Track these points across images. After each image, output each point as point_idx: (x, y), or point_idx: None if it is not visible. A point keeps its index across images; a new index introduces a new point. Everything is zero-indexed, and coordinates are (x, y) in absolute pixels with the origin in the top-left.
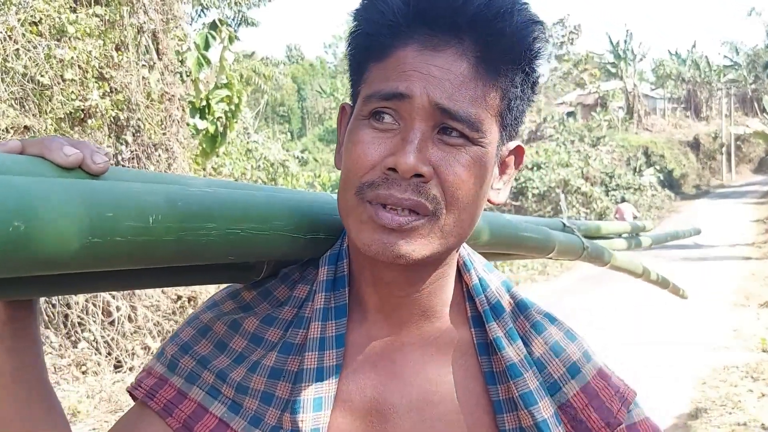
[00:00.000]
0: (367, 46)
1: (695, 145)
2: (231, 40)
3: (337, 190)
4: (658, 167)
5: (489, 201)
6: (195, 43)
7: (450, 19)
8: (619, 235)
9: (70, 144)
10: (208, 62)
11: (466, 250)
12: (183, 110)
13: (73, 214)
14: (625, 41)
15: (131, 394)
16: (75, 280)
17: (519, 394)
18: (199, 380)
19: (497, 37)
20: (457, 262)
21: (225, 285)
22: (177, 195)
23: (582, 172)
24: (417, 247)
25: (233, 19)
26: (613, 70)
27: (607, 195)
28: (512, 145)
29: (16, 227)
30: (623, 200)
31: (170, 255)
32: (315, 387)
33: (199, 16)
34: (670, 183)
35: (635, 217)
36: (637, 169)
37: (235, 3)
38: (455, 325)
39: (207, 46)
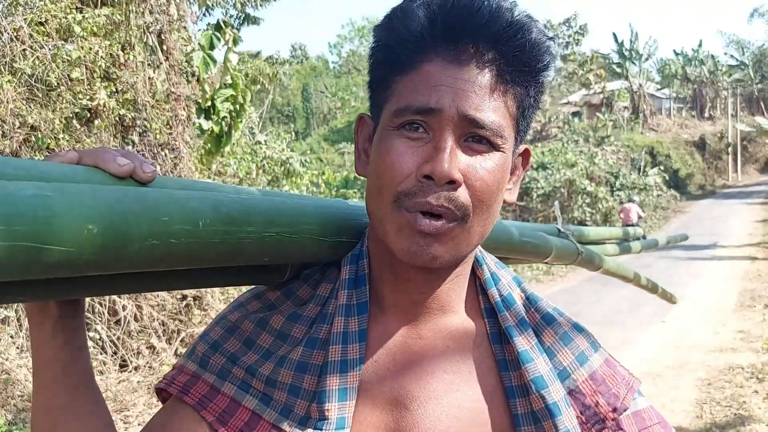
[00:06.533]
0: (392, 60)
1: (701, 145)
2: (235, 41)
3: (334, 194)
4: (663, 167)
5: (504, 201)
6: (200, 44)
7: (474, 34)
8: (611, 241)
9: (122, 155)
10: (215, 62)
11: (477, 247)
12: (189, 110)
13: (136, 217)
14: (631, 41)
15: (162, 392)
16: (122, 280)
17: (530, 378)
18: (230, 376)
19: (518, 52)
20: None
21: (247, 287)
22: (219, 201)
23: (587, 172)
24: (448, 249)
25: (236, 18)
26: (619, 70)
27: (612, 195)
28: (521, 148)
29: (90, 230)
30: (629, 200)
31: (214, 256)
32: (339, 378)
33: (204, 16)
34: (676, 183)
35: (640, 217)
36: (642, 169)
37: (241, 3)
38: (469, 318)
39: (212, 47)
